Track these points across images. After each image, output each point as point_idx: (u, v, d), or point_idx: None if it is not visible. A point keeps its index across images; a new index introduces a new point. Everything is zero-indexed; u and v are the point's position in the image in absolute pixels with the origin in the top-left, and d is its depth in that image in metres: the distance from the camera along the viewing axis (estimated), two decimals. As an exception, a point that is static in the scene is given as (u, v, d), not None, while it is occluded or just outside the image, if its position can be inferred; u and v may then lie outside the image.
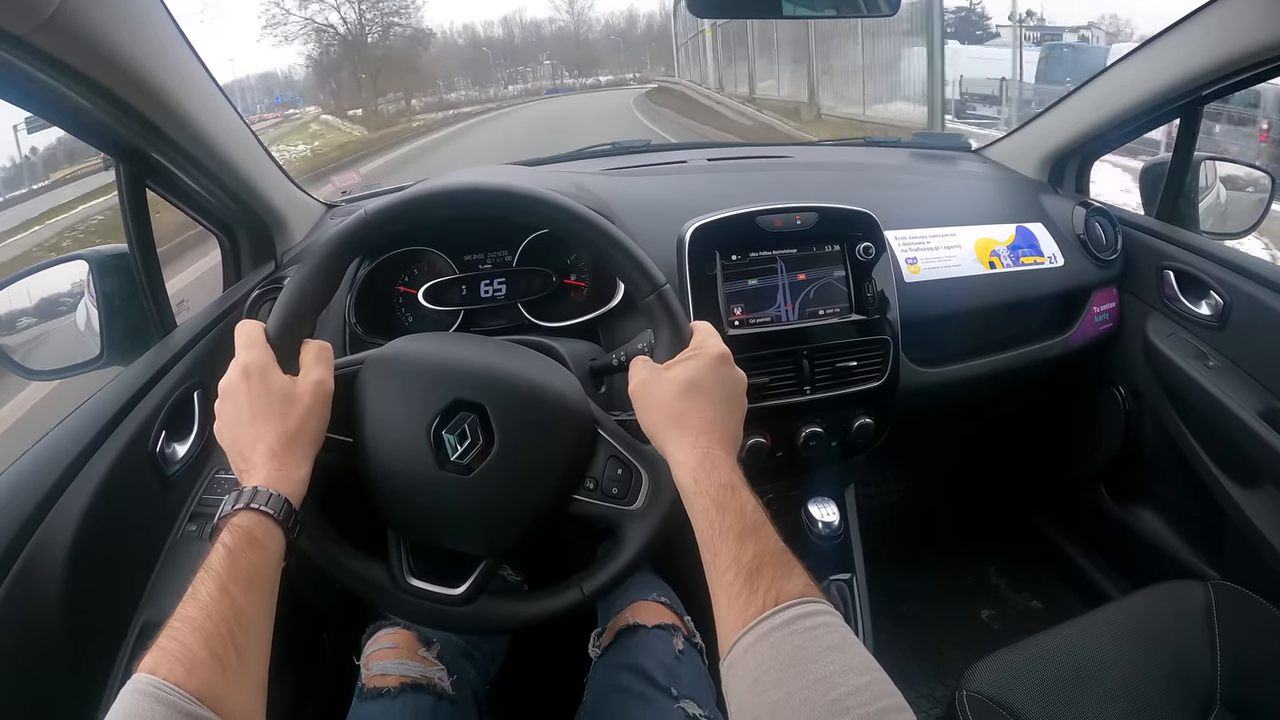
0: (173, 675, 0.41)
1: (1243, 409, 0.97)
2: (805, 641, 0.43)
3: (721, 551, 0.49)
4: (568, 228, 0.64)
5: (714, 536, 0.50)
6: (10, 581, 0.59)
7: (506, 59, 52.58)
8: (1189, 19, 0.98)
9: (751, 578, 0.47)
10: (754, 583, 0.46)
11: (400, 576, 0.62)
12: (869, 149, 1.51)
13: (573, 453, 0.62)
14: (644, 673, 0.76)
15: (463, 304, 0.93)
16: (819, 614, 0.45)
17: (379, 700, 0.72)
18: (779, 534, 0.51)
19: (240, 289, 0.96)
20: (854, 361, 0.93)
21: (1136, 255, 1.17)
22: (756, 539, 0.49)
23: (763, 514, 0.51)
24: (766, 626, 0.44)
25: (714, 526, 0.50)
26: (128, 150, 0.78)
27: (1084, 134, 1.21)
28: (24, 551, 0.60)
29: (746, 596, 0.46)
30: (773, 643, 0.43)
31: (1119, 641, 0.84)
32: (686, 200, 1.01)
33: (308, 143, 17.94)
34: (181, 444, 0.81)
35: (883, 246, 0.94)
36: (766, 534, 0.50)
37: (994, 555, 1.50)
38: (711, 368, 0.59)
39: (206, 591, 0.46)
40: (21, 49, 0.57)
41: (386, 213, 0.62)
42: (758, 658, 0.43)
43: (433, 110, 31.76)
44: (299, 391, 0.57)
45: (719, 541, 0.50)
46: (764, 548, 0.49)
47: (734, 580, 0.47)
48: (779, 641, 0.43)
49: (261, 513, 0.51)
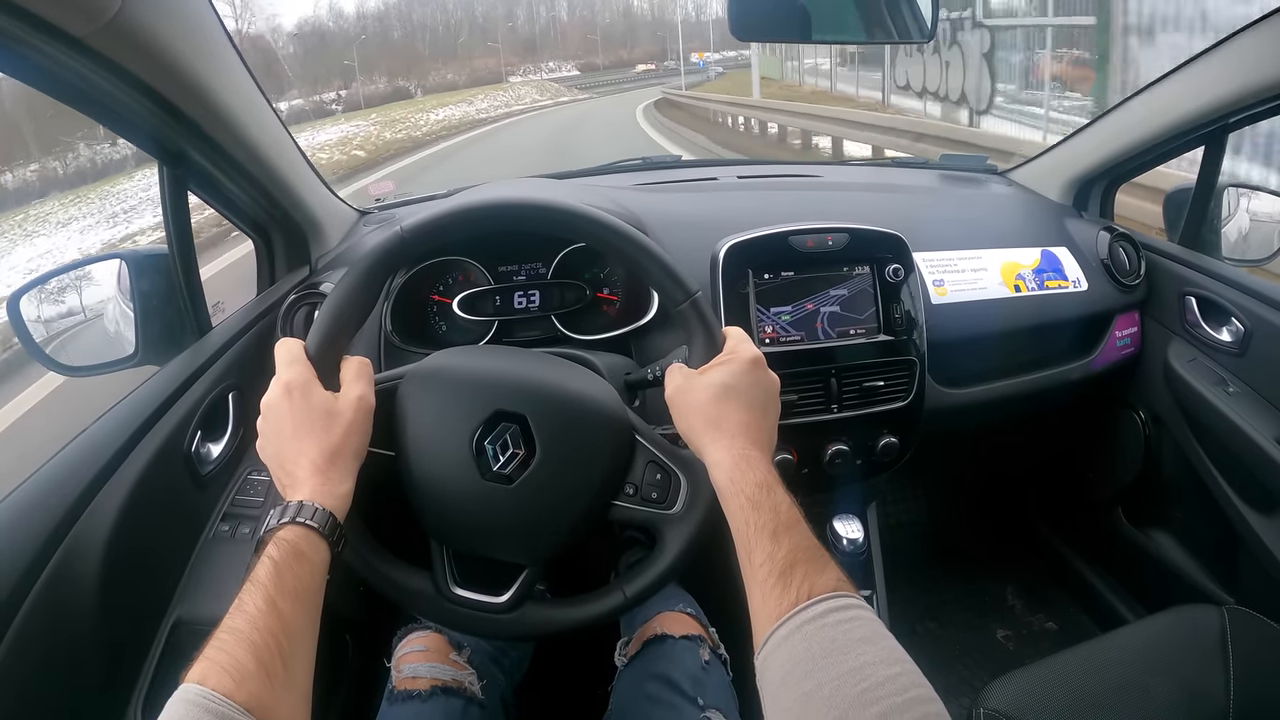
0: (221, 686, 0.41)
1: (1262, 436, 0.98)
2: (837, 634, 0.44)
3: (756, 548, 0.50)
4: (602, 240, 0.65)
5: (749, 534, 0.51)
6: (49, 572, 0.59)
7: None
8: (1216, 48, 0.98)
9: (785, 573, 0.47)
10: (788, 578, 0.47)
11: (445, 586, 0.62)
12: (897, 169, 1.52)
13: (612, 459, 0.63)
14: (671, 682, 0.77)
15: (497, 315, 0.94)
16: (851, 607, 0.45)
17: (409, 702, 0.73)
18: (812, 532, 0.51)
19: (275, 293, 0.97)
20: (881, 381, 0.94)
21: (1159, 280, 1.18)
22: (790, 536, 0.50)
23: (797, 512, 0.52)
24: (800, 619, 0.45)
25: (749, 524, 0.51)
26: (172, 153, 0.79)
27: (1110, 159, 1.21)
28: (62, 545, 0.61)
29: (780, 591, 0.47)
30: (805, 635, 0.44)
31: (1133, 665, 0.84)
32: (718, 218, 1.02)
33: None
34: (216, 444, 0.82)
35: (911, 268, 0.95)
36: (800, 531, 0.51)
37: (1011, 576, 1.51)
38: (746, 371, 0.60)
39: (254, 604, 0.46)
40: (80, 51, 0.58)
41: (422, 229, 0.62)
42: (791, 650, 0.44)
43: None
44: (341, 407, 0.57)
45: (754, 538, 0.50)
46: (797, 544, 0.49)
47: (768, 575, 0.48)
48: (812, 634, 0.44)
49: (307, 527, 0.51)
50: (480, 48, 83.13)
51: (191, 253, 0.85)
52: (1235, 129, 1.07)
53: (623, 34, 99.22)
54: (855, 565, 0.95)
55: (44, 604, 0.59)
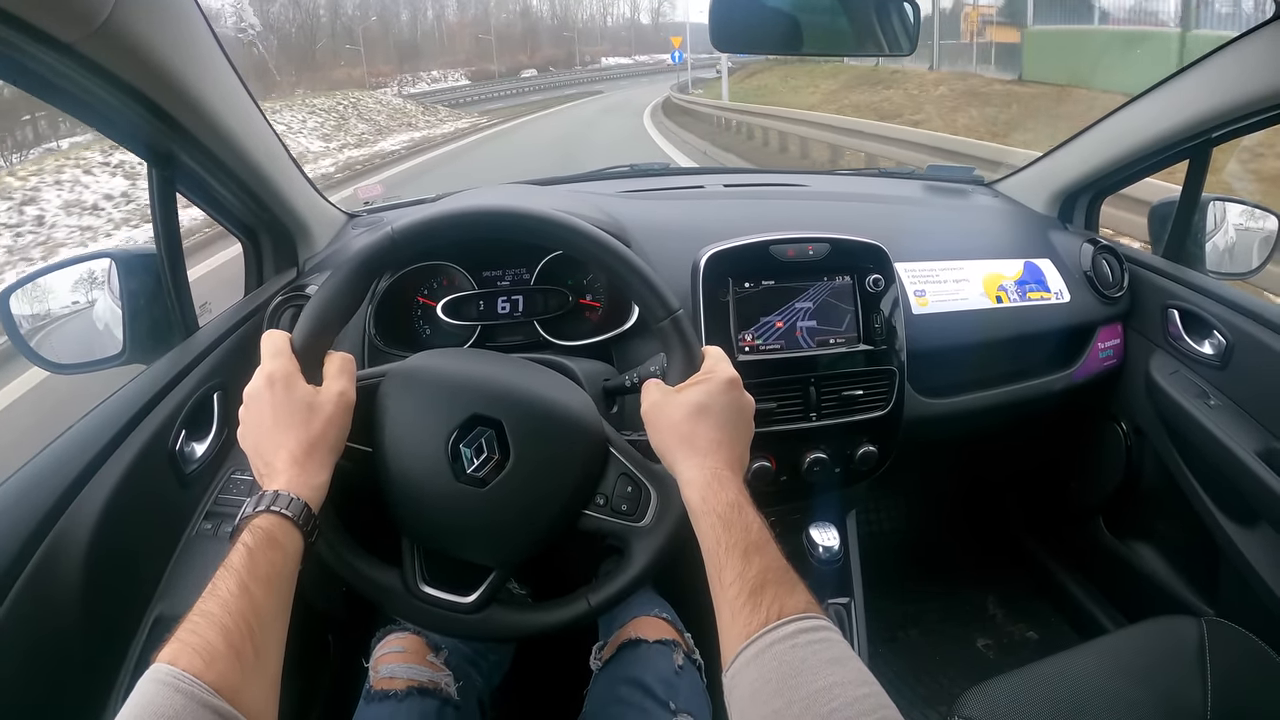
0: (192, 667, 0.42)
1: (1242, 449, 0.98)
2: (807, 654, 0.44)
3: (727, 567, 0.50)
4: (588, 252, 0.66)
5: (720, 552, 0.51)
6: (31, 570, 0.60)
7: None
8: (1199, 64, 0.99)
9: (755, 592, 0.48)
10: (758, 597, 0.48)
11: (413, 583, 0.63)
12: (883, 179, 1.53)
13: (585, 469, 0.64)
14: (644, 686, 0.78)
15: (480, 319, 0.95)
16: (820, 629, 0.46)
17: (385, 702, 0.74)
18: (782, 553, 0.52)
19: (262, 294, 0.98)
20: (860, 390, 0.94)
21: (1142, 293, 1.19)
22: (761, 556, 0.51)
23: (767, 533, 0.53)
24: (769, 639, 0.45)
25: (720, 543, 0.52)
26: (161, 155, 0.80)
27: (1095, 171, 1.22)
28: (45, 541, 0.62)
29: (750, 610, 0.47)
30: (775, 654, 0.45)
31: (1112, 674, 0.85)
32: (702, 226, 1.03)
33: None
34: (200, 444, 0.82)
35: (892, 279, 0.96)
36: (770, 551, 0.51)
37: (992, 585, 1.51)
38: (722, 391, 0.61)
39: (227, 588, 0.47)
40: (70, 57, 0.59)
41: (411, 232, 0.63)
42: (760, 669, 0.44)
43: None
44: (321, 401, 0.58)
45: (725, 557, 0.51)
46: (768, 564, 0.50)
47: (738, 594, 0.49)
48: (781, 654, 0.45)
49: (282, 516, 0.52)
50: (343, 53, 63.68)
51: (179, 253, 0.86)
52: (1219, 143, 1.07)
53: (521, 35, 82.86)
54: (831, 573, 0.95)
55: (27, 599, 0.59)
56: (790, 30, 0.97)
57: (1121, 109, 1.16)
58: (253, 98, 0.88)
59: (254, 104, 0.88)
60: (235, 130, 0.83)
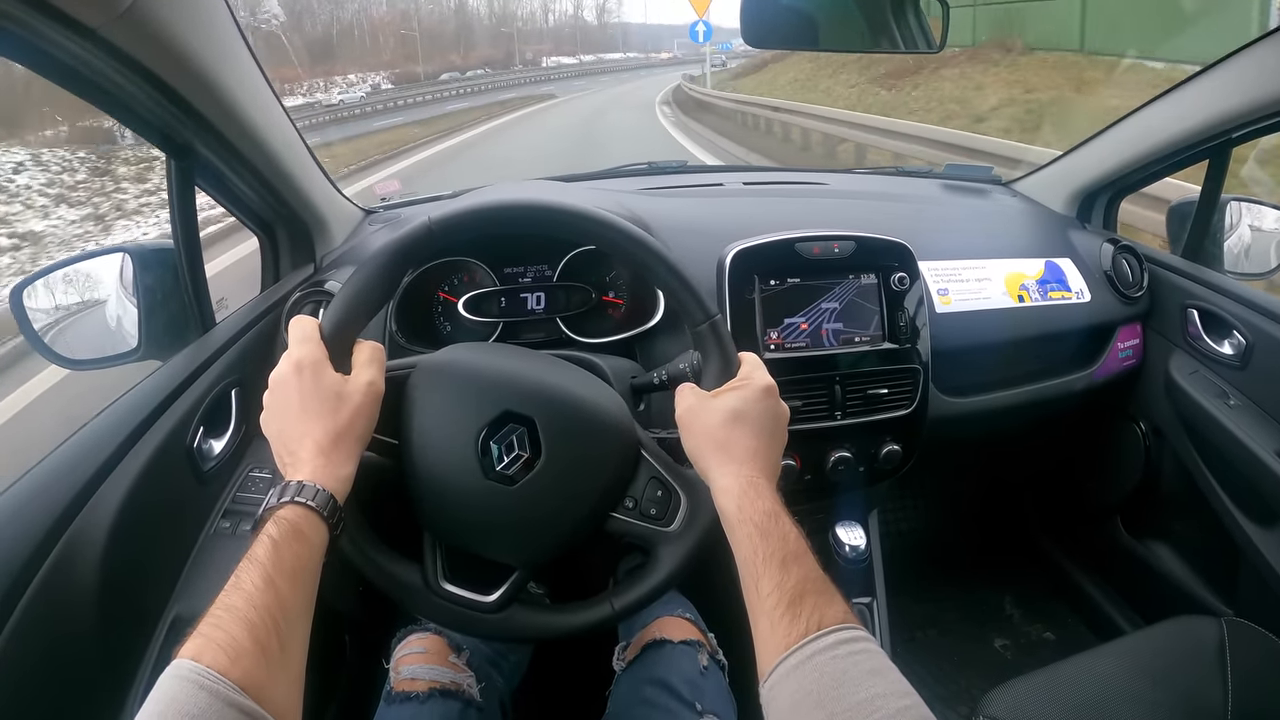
0: (216, 663, 0.40)
1: (1262, 449, 0.98)
2: (848, 665, 0.44)
3: (764, 576, 0.50)
4: (627, 251, 0.65)
5: (757, 562, 0.51)
6: (47, 569, 0.59)
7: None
8: (1219, 64, 0.99)
9: (794, 603, 0.47)
10: (797, 608, 0.47)
11: (434, 580, 0.62)
12: (902, 179, 1.53)
13: (615, 472, 0.62)
14: (669, 687, 0.77)
15: (502, 316, 0.94)
16: (860, 639, 0.45)
17: (407, 704, 0.73)
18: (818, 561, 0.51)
19: (280, 290, 0.97)
20: (884, 389, 0.94)
21: (1162, 293, 1.18)
22: (799, 565, 0.50)
23: (804, 542, 0.52)
24: (810, 650, 0.45)
25: (757, 552, 0.51)
26: (180, 147, 0.79)
27: (1114, 171, 1.22)
28: (62, 539, 0.61)
29: (790, 621, 0.47)
30: (816, 666, 0.44)
31: (1133, 674, 0.85)
32: (724, 224, 1.02)
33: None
34: (218, 440, 0.81)
35: (916, 277, 0.95)
36: (808, 561, 0.51)
37: (1010, 585, 1.51)
38: (758, 399, 0.60)
39: (251, 582, 0.45)
40: (93, 42, 0.57)
41: (450, 223, 0.62)
42: (800, 680, 0.44)
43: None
44: (350, 390, 0.56)
45: (762, 567, 0.50)
46: (806, 574, 0.49)
47: (777, 605, 0.48)
48: (822, 665, 0.44)
49: (308, 507, 0.51)
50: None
51: (197, 247, 0.85)
52: (1238, 144, 1.07)
53: (455, 33, 75.71)
54: (857, 572, 0.95)
55: (43, 597, 0.58)
56: (812, 28, 0.98)
57: (1141, 109, 1.15)
58: (273, 89, 0.87)
59: (275, 96, 0.87)
60: (256, 122, 0.82)
